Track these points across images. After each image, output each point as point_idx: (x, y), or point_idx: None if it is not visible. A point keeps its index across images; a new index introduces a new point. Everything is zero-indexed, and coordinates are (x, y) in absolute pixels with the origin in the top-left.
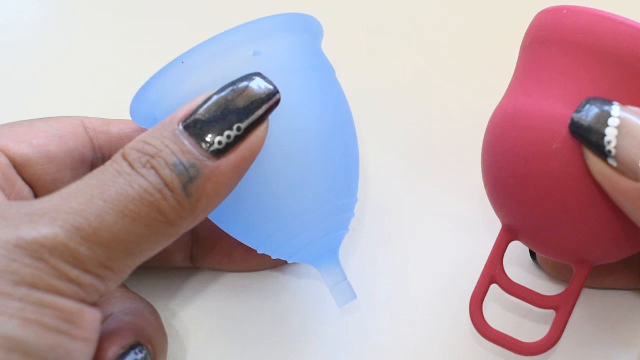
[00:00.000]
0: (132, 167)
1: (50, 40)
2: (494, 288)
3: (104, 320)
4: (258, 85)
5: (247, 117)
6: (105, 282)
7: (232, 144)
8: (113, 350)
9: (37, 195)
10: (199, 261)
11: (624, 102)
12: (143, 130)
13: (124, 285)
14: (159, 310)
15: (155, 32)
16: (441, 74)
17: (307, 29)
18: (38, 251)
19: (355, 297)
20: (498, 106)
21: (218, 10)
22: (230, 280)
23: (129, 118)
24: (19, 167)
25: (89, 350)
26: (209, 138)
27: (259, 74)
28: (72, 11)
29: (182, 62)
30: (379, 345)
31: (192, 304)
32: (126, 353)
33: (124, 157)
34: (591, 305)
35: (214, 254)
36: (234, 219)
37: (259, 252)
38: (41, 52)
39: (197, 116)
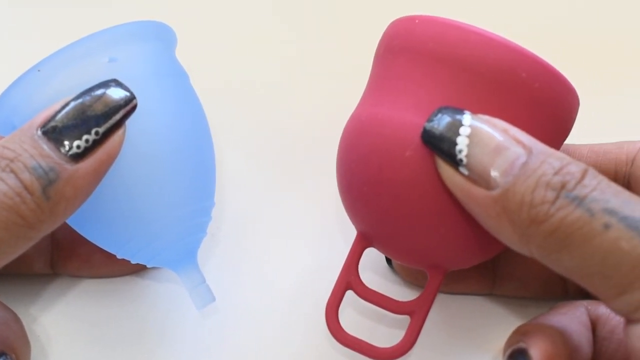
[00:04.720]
0: None
1: None
2: (350, 293)
3: None
4: (114, 91)
5: (104, 122)
6: None
7: (90, 148)
8: None
9: None
10: (58, 267)
11: (475, 111)
12: (1, 137)
13: None
14: (19, 316)
15: (10, 42)
16: (297, 81)
17: (161, 36)
18: None
19: (214, 299)
20: (352, 114)
21: (75, 19)
22: (90, 286)
23: None
24: None
25: None
26: (67, 142)
27: (115, 81)
28: None
29: (39, 70)
30: (236, 348)
31: (52, 309)
32: None
33: None
34: (445, 310)
35: (73, 260)
36: (92, 223)
37: (118, 256)
38: None
39: (55, 122)
